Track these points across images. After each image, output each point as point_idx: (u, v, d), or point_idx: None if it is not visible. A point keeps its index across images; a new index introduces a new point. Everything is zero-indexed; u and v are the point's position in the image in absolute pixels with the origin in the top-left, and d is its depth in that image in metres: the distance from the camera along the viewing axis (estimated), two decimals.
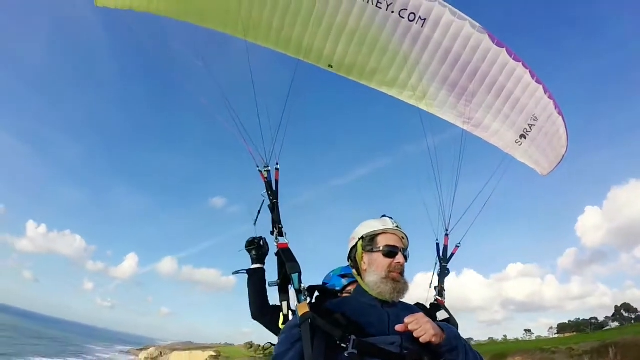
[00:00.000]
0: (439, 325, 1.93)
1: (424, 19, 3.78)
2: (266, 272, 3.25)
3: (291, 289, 2.52)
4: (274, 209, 2.95)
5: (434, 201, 3.58)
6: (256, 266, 3.24)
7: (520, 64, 4.12)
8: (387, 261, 2.13)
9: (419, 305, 2.47)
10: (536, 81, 4.23)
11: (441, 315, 2.56)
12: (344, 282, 2.95)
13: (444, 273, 3.24)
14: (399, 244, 2.20)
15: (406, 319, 1.89)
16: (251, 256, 3.27)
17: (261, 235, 3.29)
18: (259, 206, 3.13)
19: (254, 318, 3.17)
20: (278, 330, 2.88)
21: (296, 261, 2.51)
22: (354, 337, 1.85)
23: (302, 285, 2.33)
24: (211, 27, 4.01)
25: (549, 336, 78.18)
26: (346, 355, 1.81)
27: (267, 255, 3.27)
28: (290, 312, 2.66)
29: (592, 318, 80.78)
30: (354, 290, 2.31)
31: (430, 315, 2.12)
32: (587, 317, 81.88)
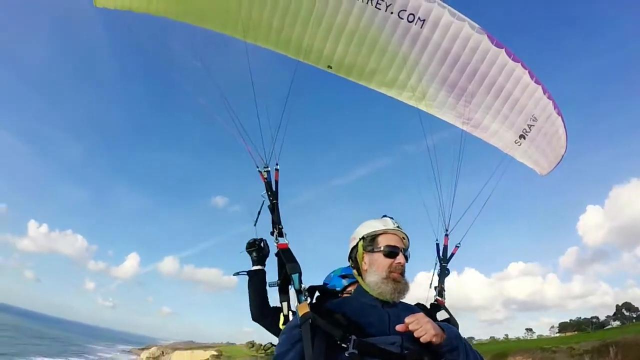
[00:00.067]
0: (439, 325, 1.94)
1: (423, 20, 3.78)
2: (266, 273, 3.25)
3: (291, 290, 2.52)
4: (273, 209, 2.95)
5: (434, 201, 3.59)
6: (257, 268, 3.24)
7: (519, 64, 4.13)
8: (388, 261, 2.14)
9: (419, 305, 2.47)
10: (535, 81, 4.23)
11: (441, 315, 2.55)
12: (344, 282, 2.95)
13: (444, 273, 3.23)
14: (399, 244, 2.21)
15: (407, 319, 1.90)
16: (252, 258, 3.27)
17: (261, 236, 3.29)
18: (259, 207, 3.14)
19: (254, 320, 3.17)
20: (279, 331, 2.86)
21: (296, 261, 2.51)
22: (354, 337, 1.85)
23: (303, 285, 2.34)
24: (211, 28, 4.01)
25: (550, 335, 78.10)
26: (347, 355, 1.82)
27: (268, 257, 3.28)
28: (291, 313, 2.67)
29: (594, 317, 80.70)
30: (354, 290, 2.32)
31: (431, 316, 2.12)
32: (588, 316, 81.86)
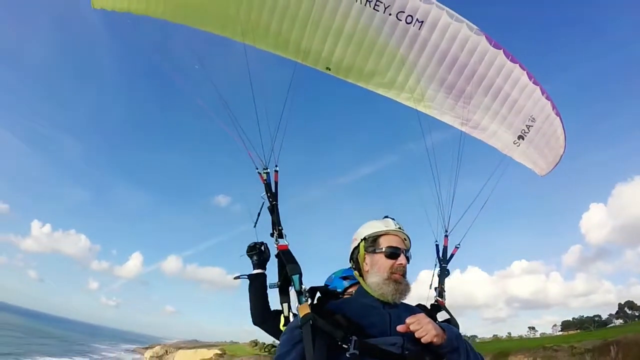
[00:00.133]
0: (440, 326, 1.95)
1: (421, 22, 3.78)
2: (267, 275, 3.24)
3: (292, 291, 2.53)
4: (273, 210, 2.96)
5: (434, 202, 3.60)
6: (257, 271, 3.22)
7: (518, 65, 4.12)
8: (389, 262, 2.15)
9: (420, 306, 2.48)
10: (533, 82, 4.23)
11: (442, 316, 2.57)
12: (345, 284, 2.97)
13: (443, 274, 3.23)
14: (401, 245, 2.22)
15: (407, 320, 1.91)
16: (252, 261, 3.26)
17: (262, 237, 3.28)
18: (259, 208, 3.14)
19: (255, 324, 3.15)
20: (280, 333, 2.86)
21: (297, 263, 2.52)
22: (355, 337, 1.86)
23: (303, 286, 2.35)
24: (210, 30, 4.01)
25: (553, 334, 77.87)
26: (347, 355, 1.83)
27: (268, 261, 3.26)
28: (292, 314, 2.68)
29: (596, 315, 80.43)
30: (355, 291, 2.33)
31: (431, 316, 2.12)
32: (591, 315, 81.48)
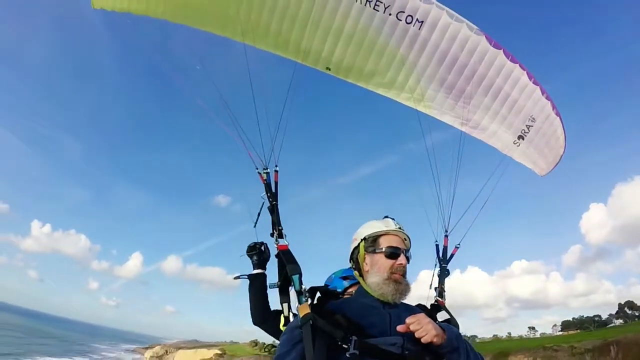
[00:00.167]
0: (440, 326, 1.95)
1: (421, 22, 3.78)
2: (267, 275, 3.23)
3: (292, 291, 2.53)
4: (273, 210, 2.96)
5: (434, 202, 3.60)
6: (257, 272, 3.22)
7: (518, 65, 4.12)
8: (389, 262, 2.15)
9: (420, 306, 2.48)
10: (533, 82, 4.22)
11: (442, 316, 2.57)
12: (345, 284, 2.97)
13: (443, 274, 3.23)
14: (401, 245, 2.22)
15: (407, 320, 1.92)
16: (252, 262, 3.26)
17: (262, 237, 3.28)
18: (259, 208, 3.14)
19: (255, 324, 3.15)
20: (280, 333, 2.87)
21: (296, 263, 2.52)
22: (355, 337, 1.87)
23: (303, 286, 2.35)
24: (210, 30, 4.01)
25: (553, 334, 77.88)
26: (348, 356, 1.84)
27: (269, 261, 3.26)
28: (292, 314, 2.68)
29: (596, 316, 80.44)
30: (355, 291, 2.33)
31: (431, 316, 2.12)
32: (591, 315, 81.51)
